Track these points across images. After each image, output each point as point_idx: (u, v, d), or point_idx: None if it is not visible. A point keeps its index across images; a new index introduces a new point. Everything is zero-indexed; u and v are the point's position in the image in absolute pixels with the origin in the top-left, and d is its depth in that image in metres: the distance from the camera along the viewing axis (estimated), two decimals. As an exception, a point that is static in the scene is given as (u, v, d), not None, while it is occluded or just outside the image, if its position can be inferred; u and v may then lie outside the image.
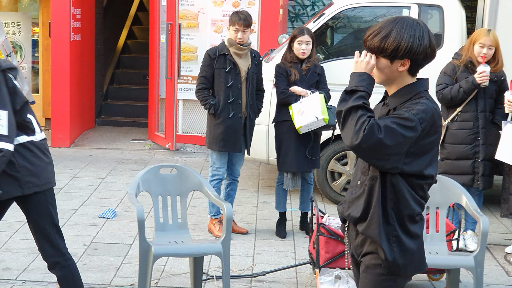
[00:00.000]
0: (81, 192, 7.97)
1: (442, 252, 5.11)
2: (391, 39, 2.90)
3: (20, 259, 5.76)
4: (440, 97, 6.16)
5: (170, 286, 5.41)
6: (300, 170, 6.58)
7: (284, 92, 6.45)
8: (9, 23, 11.35)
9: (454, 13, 7.66)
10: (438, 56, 7.35)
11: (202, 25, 10.28)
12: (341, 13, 7.91)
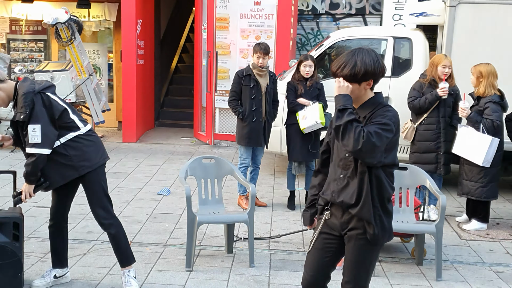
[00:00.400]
0: (144, 176, 8.01)
1: (411, 221, 5.09)
2: (358, 67, 2.88)
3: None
4: (411, 106, 6.17)
5: (209, 245, 5.43)
6: (304, 160, 6.58)
7: (293, 103, 6.46)
8: (91, 51, 11.43)
9: (420, 44, 7.62)
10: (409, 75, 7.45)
11: (233, 53, 10.27)
12: (336, 43, 7.91)
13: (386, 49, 7.69)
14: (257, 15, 10.12)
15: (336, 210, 3.10)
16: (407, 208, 5.19)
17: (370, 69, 2.90)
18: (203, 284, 4.54)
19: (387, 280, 4.75)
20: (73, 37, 9.40)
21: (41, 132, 3.89)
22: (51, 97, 4.01)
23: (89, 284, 4.44)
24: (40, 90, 3.97)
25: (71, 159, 4.06)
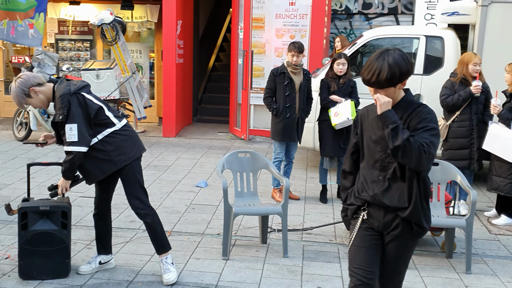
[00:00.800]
0: (183, 169, 8.08)
1: (442, 216, 5.03)
2: (393, 70, 2.74)
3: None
4: (444, 104, 6.10)
5: (244, 235, 5.45)
6: (335, 155, 6.55)
7: (325, 100, 6.43)
8: (133, 50, 11.58)
9: (452, 42, 7.51)
10: (440, 73, 7.35)
11: (268, 51, 10.27)
12: (368, 42, 7.84)
13: (418, 47, 7.60)
14: (292, 15, 10.09)
15: (376, 210, 2.96)
16: (438, 202, 5.13)
17: (404, 70, 2.78)
18: (238, 272, 4.57)
19: (417, 272, 4.70)
20: (118, 37, 9.55)
21: (77, 131, 3.98)
22: (86, 97, 4.08)
23: (131, 271, 4.51)
24: (75, 91, 4.04)
25: (109, 154, 4.13)
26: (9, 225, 5.40)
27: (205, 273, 4.53)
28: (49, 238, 4.21)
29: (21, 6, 4.07)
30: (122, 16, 10.57)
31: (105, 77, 9.55)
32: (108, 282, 4.28)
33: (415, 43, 7.70)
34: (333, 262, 4.85)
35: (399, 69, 2.75)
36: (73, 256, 4.66)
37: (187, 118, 11.83)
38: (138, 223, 5.60)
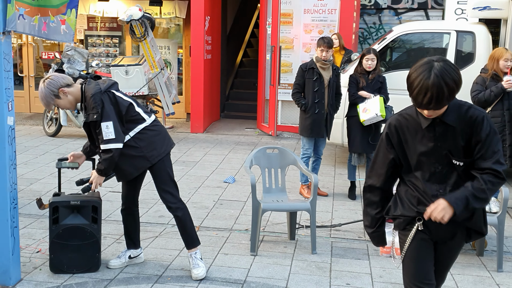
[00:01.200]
0: (211, 164, 8.10)
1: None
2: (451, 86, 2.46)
3: (170, 209, 5.92)
4: (476, 100, 5.98)
5: (272, 231, 5.44)
6: (364, 151, 6.50)
7: (354, 95, 6.38)
8: (162, 46, 11.64)
9: (483, 37, 7.40)
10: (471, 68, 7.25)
11: (296, 47, 10.23)
12: (398, 37, 7.76)
13: (449, 42, 7.50)
14: (320, 10, 10.03)
15: (433, 223, 2.71)
16: (468, 200, 5.05)
17: (458, 79, 2.51)
18: (267, 268, 4.56)
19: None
20: (146, 33, 9.60)
21: (114, 128, 4.00)
22: (116, 94, 4.11)
23: (161, 265, 4.54)
24: (105, 89, 4.07)
25: (142, 150, 4.16)
26: (40, 219, 5.48)
27: (234, 268, 4.53)
28: (79, 232, 4.25)
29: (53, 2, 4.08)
30: (151, 12, 10.63)
31: (134, 73, 9.62)
32: (137, 276, 4.31)
33: (446, 38, 7.59)
34: (362, 259, 4.81)
35: (455, 83, 2.50)
36: (103, 250, 4.71)
37: (214, 114, 11.86)
38: (167, 218, 5.64)
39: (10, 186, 3.99)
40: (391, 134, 2.77)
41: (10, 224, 4.00)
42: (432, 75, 2.46)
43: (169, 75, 10.59)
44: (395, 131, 2.76)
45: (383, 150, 2.82)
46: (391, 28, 8.57)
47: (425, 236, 2.80)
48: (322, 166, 7.43)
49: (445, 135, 2.63)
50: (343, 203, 6.42)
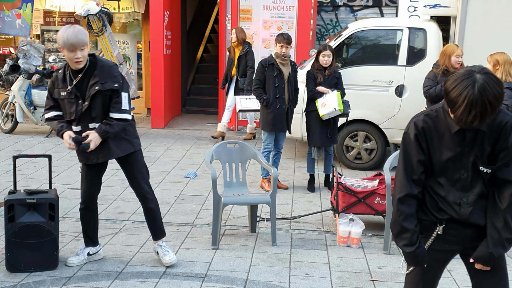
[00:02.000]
0: (172, 160, 8.02)
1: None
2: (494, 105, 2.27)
3: (130, 206, 5.84)
4: (427, 95, 6.10)
5: (234, 224, 5.43)
6: (323, 145, 6.56)
7: (312, 91, 6.43)
8: (121, 41, 11.47)
9: (434, 34, 7.51)
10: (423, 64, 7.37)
11: (255, 43, 10.20)
12: (354, 34, 7.83)
13: (402, 39, 7.58)
14: (279, 7, 10.04)
15: (455, 226, 2.56)
16: (423, 191, 5.13)
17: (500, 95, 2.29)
18: (228, 261, 4.54)
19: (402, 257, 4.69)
20: (104, 28, 9.43)
21: (128, 101, 4.07)
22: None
23: (120, 261, 4.46)
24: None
25: (129, 134, 4.19)
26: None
27: (195, 262, 4.49)
28: (36, 230, 4.14)
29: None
30: (109, 7, 10.44)
31: (93, 68, 9.42)
32: (97, 273, 4.22)
33: (399, 35, 7.69)
34: (320, 249, 4.85)
35: (497, 100, 2.28)
36: (62, 248, 4.60)
37: (175, 109, 11.75)
38: (127, 215, 5.56)
39: (-37, 184, 3.84)
40: (419, 136, 2.53)
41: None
42: (476, 90, 2.24)
43: (128, 70, 10.44)
44: (423, 132, 2.53)
45: (415, 153, 2.55)
46: (346, 25, 8.64)
47: (441, 246, 2.62)
48: (282, 160, 7.45)
49: (474, 140, 2.45)
50: (303, 196, 6.45)
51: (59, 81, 4.03)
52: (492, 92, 2.25)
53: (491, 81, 2.27)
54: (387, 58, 7.70)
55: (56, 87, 4.05)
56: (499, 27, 7.13)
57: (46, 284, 4.00)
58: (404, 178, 2.56)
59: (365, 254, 4.79)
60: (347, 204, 5.21)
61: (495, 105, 2.26)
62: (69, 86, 3.98)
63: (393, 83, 7.52)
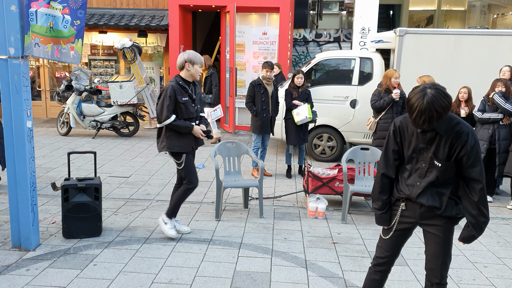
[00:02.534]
0: (185, 155, 7.97)
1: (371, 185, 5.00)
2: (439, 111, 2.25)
3: (155, 189, 5.81)
4: (374, 107, 6.08)
5: (231, 202, 5.41)
6: (297, 143, 6.53)
7: (289, 104, 6.41)
8: (148, 67, 11.39)
9: (378, 62, 7.54)
10: (370, 84, 7.39)
11: (247, 68, 10.21)
12: (319, 62, 7.83)
13: (355, 66, 7.61)
14: (264, 42, 10.03)
15: (412, 204, 2.55)
16: (368, 176, 5.15)
17: (446, 105, 2.27)
18: (227, 229, 4.53)
19: (355, 226, 4.73)
20: (135, 58, 9.37)
21: None
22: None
23: (148, 230, 4.44)
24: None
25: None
26: (54, 198, 5.27)
27: (203, 231, 4.48)
28: (85, 207, 4.12)
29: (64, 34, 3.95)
30: (139, 42, 10.38)
31: (126, 87, 9.37)
32: (130, 239, 4.20)
33: (352, 63, 7.71)
34: (295, 220, 4.85)
35: (443, 109, 2.26)
36: (104, 220, 4.58)
37: (188, 117, 11.66)
38: (153, 195, 5.53)
39: (29, 174, 3.81)
40: (395, 132, 2.55)
41: (30, 202, 3.83)
42: (425, 101, 2.25)
43: (153, 89, 10.36)
44: (398, 129, 2.54)
45: (391, 144, 2.58)
46: (314, 55, 8.65)
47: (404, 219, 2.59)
48: (267, 155, 7.45)
49: (433, 140, 2.41)
50: (282, 181, 6.44)
51: (181, 90, 4.06)
52: (438, 103, 2.25)
53: (439, 94, 2.26)
54: (344, 80, 7.72)
55: (179, 95, 4.01)
56: (425, 57, 7.19)
57: (92, 247, 3.98)
58: (383, 161, 2.62)
59: (328, 223, 4.81)
60: (315, 187, 5.23)
61: (440, 113, 2.26)
62: (192, 97, 4.09)
63: (348, 98, 7.54)
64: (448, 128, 2.37)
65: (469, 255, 4.08)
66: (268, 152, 7.87)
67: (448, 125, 2.37)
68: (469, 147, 2.35)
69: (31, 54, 3.69)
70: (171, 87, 4.00)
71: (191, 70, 4.06)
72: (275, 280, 3.48)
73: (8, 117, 3.69)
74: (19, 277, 3.42)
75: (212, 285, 3.39)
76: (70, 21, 3.83)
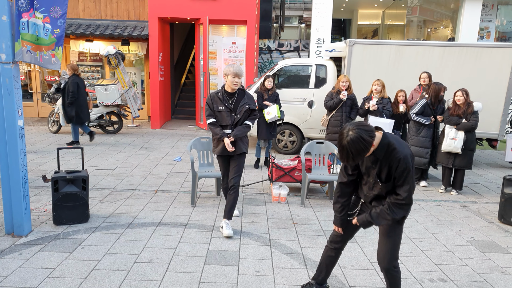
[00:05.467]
0: (165, 149, 7.85)
1: (325, 174, 5.12)
2: (356, 154, 2.28)
3: (137, 180, 5.70)
4: (326, 106, 6.18)
5: (205, 191, 5.38)
6: (267, 138, 6.51)
7: (261, 104, 6.39)
8: (130, 72, 11.13)
9: (331, 68, 7.62)
10: (325, 87, 7.47)
11: (219, 73, 10.14)
12: (282, 68, 7.86)
13: (311, 71, 7.68)
14: (234, 50, 9.99)
15: (365, 205, 2.68)
16: (323, 166, 5.23)
17: (365, 144, 2.27)
18: (202, 214, 4.51)
19: (312, 209, 4.80)
20: (119, 64, 9.14)
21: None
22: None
23: (131, 216, 4.37)
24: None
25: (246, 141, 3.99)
26: (45, 189, 5.09)
27: (180, 216, 4.45)
28: (73, 197, 4.01)
29: (45, 41, 3.80)
30: (122, 50, 10.12)
31: (111, 90, 9.13)
32: (115, 224, 4.12)
33: (310, 69, 7.78)
34: (261, 205, 4.88)
35: (358, 151, 2.27)
36: (91, 208, 4.48)
37: (167, 116, 11.51)
38: (135, 185, 5.43)
39: (21, 167, 3.67)
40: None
41: (22, 193, 3.69)
42: (343, 143, 2.28)
43: (135, 91, 10.15)
44: None
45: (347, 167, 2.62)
46: (277, 62, 8.68)
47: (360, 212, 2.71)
48: (237, 149, 7.42)
49: (376, 162, 2.45)
50: (250, 171, 6.45)
51: (216, 99, 3.77)
52: (354, 146, 2.25)
53: (356, 138, 2.25)
54: (302, 83, 7.79)
55: (215, 103, 3.75)
56: (371, 64, 7.32)
57: (80, 232, 3.89)
58: (341, 173, 2.65)
59: (289, 207, 4.85)
60: (278, 176, 5.26)
61: (355, 154, 2.27)
62: (226, 103, 3.75)
63: (306, 99, 7.62)
64: (386, 154, 2.38)
65: (408, 232, 4.23)
66: (238, 146, 7.85)
67: (386, 151, 2.38)
68: (400, 171, 2.36)
69: (22, 59, 3.55)
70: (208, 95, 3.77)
71: (226, 81, 3.77)
72: (243, 257, 3.50)
73: (1, 117, 3.54)
74: (12, 260, 3.30)
75: (188, 263, 3.38)
76: (50, 29, 3.70)
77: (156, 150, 7.79)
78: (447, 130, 5.50)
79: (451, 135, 5.43)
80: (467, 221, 4.61)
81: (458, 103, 5.43)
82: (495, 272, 3.41)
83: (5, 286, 2.92)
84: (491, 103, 7.01)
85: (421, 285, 3.14)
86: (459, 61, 7.08)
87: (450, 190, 5.74)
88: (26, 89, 11.16)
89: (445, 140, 5.48)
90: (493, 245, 3.95)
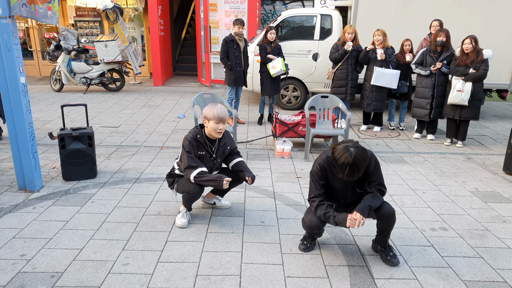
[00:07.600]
0: (168, 106, 7.87)
1: (330, 129, 5.16)
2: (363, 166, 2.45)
3: (142, 137, 5.78)
4: (331, 58, 6.10)
5: (210, 146, 5.46)
6: (272, 94, 6.46)
7: (264, 58, 6.28)
8: (129, 27, 10.89)
9: (337, 19, 7.43)
10: (330, 39, 7.33)
11: (220, 26, 9.90)
12: (285, 19, 7.67)
13: (316, 22, 7.49)
14: (235, 1, 9.67)
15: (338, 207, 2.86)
16: (327, 120, 5.25)
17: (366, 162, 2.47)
18: (207, 169, 4.61)
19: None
20: (117, 18, 8.94)
21: None
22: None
23: (138, 172, 4.47)
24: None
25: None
26: (53, 147, 5.21)
27: (186, 170, 4.55)
28: (80, 153, 4.11)
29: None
30: (120, 3, 9.83)
31: (111, 46, 9.00)
32: (122, 180, 4.24)
33: (314, 19, 7.59)
34: (265, 160, 4.96)
35: (364, 162, 2.44)
36: (98, 165, 4.59)
37: (169, 72, 11.41)
38: (140, 142, 5.52)
39: (27, 125, 3.74)
40: (322, 171, 2.67)
41: (30, 150, 3.79)
42: (352, 158, 2.41)
43: (135, 47, 10.01)
44: (324, 169, 2.67)
45: (319, 179, 2.70)
46: (280, 13, 8.44)
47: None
48: (240, 105, 7.44)
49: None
50: (254, 128, 6.49)
51: (196, 142, 3.13)
52: (361, 159, 2.41)
53: (360, 151, 2.43)
54: (307, 35, 7.62)
55: (195, 147, 3.11)
56: (378, 14, 7.11)
57: (90, 187, 4.02)
58: (314, 189, 2.72)
59: (293, 161, 4.92)
60: (282, 131, 5.30)
61: (362, 166, 2.43)
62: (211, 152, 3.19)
63: (311, 52, 7.50)
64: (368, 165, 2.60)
65: (411, 184, 4.30)
66: (241, 102, 7.85)
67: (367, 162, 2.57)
68: (371, 169, 2.61)
69: (19, 14, 3.48)
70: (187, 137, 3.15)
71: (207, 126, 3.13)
72: (248, 209, 3.63)
73: (2, 74, 3.55)
74: (27, 214, 3.46)
75: (195, 216, 3.52)
76: None
77: (159, 107, 7.81)
78: (454, 82, 5.34)
79: (458, 87, 5.31)
80: (471, 172, 4.67)
81: (466, 51, 5.21)
82: (497, 221, 3.49)
83: (23, 237, 3.09)
84: (502, 52, 6.84)
85: (423, 233, 3.24)
86: (471, 8, 6.83)
87: (456, 142, 5.77)
88: (26, 47, 11.03)
89: (451, 92, 5.36)
90: (496, 195, 4.02)
